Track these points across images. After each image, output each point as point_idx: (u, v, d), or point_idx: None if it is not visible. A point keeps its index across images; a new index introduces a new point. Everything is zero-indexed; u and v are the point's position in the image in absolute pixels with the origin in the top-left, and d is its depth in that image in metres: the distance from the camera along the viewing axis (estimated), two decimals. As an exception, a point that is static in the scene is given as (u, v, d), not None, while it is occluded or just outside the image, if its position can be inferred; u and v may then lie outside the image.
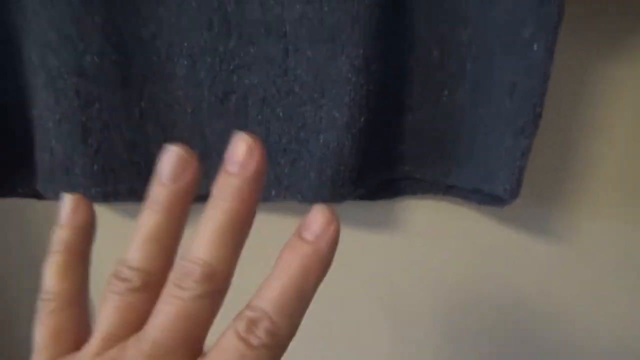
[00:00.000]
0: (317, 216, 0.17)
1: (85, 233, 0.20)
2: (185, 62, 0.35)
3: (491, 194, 0.37)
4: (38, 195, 0.40)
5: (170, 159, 0.18)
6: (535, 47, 0.31)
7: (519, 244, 0.46)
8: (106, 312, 0.17)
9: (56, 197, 0.37)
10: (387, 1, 0.32)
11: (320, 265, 0.17)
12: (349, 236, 0.46)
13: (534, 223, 0.45)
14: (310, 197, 0.38)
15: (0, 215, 0.49)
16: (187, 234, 0.19)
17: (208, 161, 0.38)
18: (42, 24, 0.32)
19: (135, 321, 0.17)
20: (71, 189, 0.36)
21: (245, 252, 0.18)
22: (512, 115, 0.33)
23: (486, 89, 0.35)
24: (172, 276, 0.17)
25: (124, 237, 0.19)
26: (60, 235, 0.19)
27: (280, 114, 0.37)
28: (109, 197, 0.37)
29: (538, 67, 0.31)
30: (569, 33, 0.34)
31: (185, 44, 0.35)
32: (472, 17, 0.34)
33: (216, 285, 0.17)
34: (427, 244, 0.46)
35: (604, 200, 0.44)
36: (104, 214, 0.44)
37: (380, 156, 0.39)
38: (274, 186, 0.39)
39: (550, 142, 0.41)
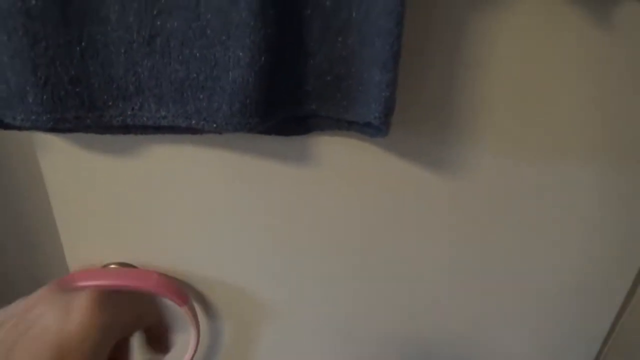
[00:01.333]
0: None
1: None
2: (117, 7, 0.42)
3: (368, 124, 0.44)
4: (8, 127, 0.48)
5: None
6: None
7: (411, 173, 0.53)
8: None
9: (14, 122, 0.45)
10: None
11: None
12: (264, 167, 0.53)
13: (426, 155, 0.53)
14: (223, 127, 0.45)
15: None
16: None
17: (141, 96, 0.46)
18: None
19: None
20: (26, 115, 0.44)
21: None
22: (378, 53, 0.40)
23: (366, 34, 0.42)
24: None
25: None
26: None
27: (197, 55, 0.44)
28: (58, 123, 0.45)
29: (392, 12, 0.38)
30: None
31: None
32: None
33: None
34: (335, 177, 0.54)
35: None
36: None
37: (287, 94, 0.46)
38: (195, 118, 0.46)
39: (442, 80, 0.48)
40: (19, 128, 0.48)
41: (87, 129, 0.49)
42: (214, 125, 0.46)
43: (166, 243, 0.59)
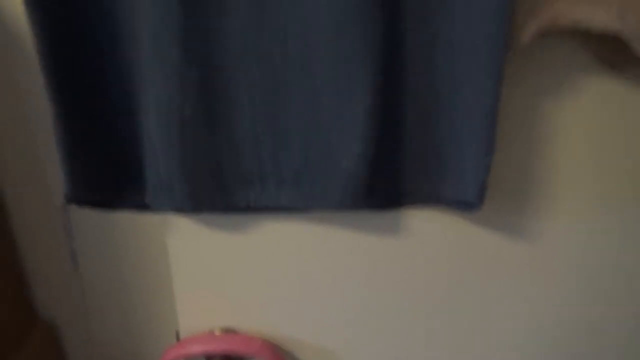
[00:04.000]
0: None
1: None
2: (247, 110, 0.52)
3: (466, 201, 0.51)
4: (141, 208, 0.57)
5: None
6: (486, 95, 0.46)
7: (495, 244, 0.59)
8: None
9: (161, 208, 0.54)
10: (387, 68, 0.48)
11: None
12: (362, 240, 0.60)
13: (509, 226, 0.59)
14: (335, 208, 0.53)
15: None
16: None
17: (264, 182, 0.54)
18: (156, 90, 0.50)
19: None
20: (172, 201, 0.53)
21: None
22: (476, 142, 0.48)
23: (459, 125, 0.50)
24: None
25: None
26: None
27: (314, 145, 0.52)
28: (196, 207, 0.54)
29: (489, 112, 0.46)
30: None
31: (247, 97, 0.51)
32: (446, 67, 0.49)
33: None
34: (424, 245, 0.60)
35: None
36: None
37: (386, 176, 0.54)
38: (311, 200, 0.54)
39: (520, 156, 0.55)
40: (157, 211, 0.57)
41: (214, 211, 0.57)
42: (328, 206, 0.53)
43: (269, 310, 0.65)
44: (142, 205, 0.56)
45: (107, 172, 0.54)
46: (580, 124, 0.52)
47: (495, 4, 0.43)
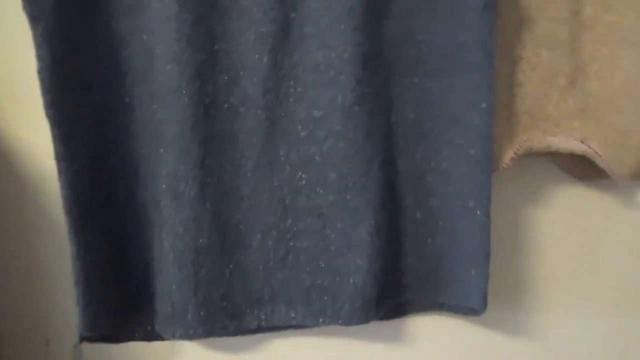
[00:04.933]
0: None
1: None
2: (259, 236, 0.54)
3: (469, 307, 0.54)
4: (150, 338, 0.57)
5: None
6: (477, 212, 0.51)
7: (500, 344, 0.62)
8: None
9: (172, 337, 0.54)
10: (386, 192, 0.53)
11: None
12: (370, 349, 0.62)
13: (510, 326, 0.62)
14: (346, 322, 0.55)
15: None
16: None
17: (274, 303, 0.56)
18: (172, 225, 0.52)
19: None
20: (185, 329, 0.53)
21: None
22: (472, 255, 0.52)
23: (454, 239, 0.54)
24: None
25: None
26: None
27: (322, 265, 0.55)
28: (208, 333, 0.54)
29: (482, 226, 0.51)
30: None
31: (258, 224, 0.54)
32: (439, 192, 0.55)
33: None
34: (430, 349, 0.62)
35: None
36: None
37: (390, 288, 0.57)
38: (321, 317, 0.56)
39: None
40: (166, 339, 0.57)
41: (224, 334, 0.58)
42: (339, 321, 0.55)
43: None
44: (151, 335, 0.56)
45: (121, 306, 0.54)
46: (559, 231, 0.58)
47: (478, 133, 0.50)
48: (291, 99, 0.51)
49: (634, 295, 0.63)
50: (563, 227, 0.58)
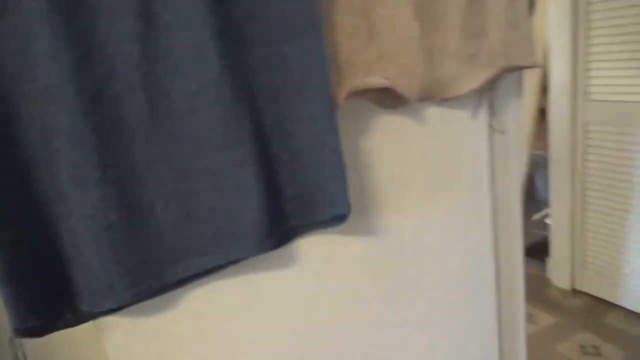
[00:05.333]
0: None
1: None
2: (162, 202, 0.62)
3: (339, 215, 0.71)
4: (80, 321, 0.61)
5: None
6: (330, 142, 0.68)
7: (360, 243, 0.81)
8: None
9: (103, 308, 0.59)
10: (259, 149, 0.66)
11: None
12: (265, 273, 0.75)
13: (364, 227, 0.82)
14: (250, 254, 0.67)
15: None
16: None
17: (184, 260, 0.65)
18: (81, 209, 0.57)
19: None
20: (115, 298, 0.59)
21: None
22: (333, 172, 0.69)
23: (317, 167, 0.70)
24: None
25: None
26: None
27: (221, 214, 0.66)
28: (135, 298, 0.61)
29: (335, 150, 0.68)
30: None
31: (159, 192, 0.62)
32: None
33: None
34: (313, 263, 0.78)
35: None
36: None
37: (277, 221, 0.70)
38: (230, 255, 0.67)
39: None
40: (94, 318, 0.62)
41: (150, 296, 0.64)
42: (244, 256, 0.67)
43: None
44: (80, 318, 0.60)
45: (46, 297, 0.57)
46: (382, 149, 0.80)
47: (320, 84, 0.66)
48: (167, 79, 0.60)
49: (440, 188, 0.89)
50: (385, 147, 0.80)
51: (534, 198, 2.54)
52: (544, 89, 2.17)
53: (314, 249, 0.78)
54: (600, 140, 1.97)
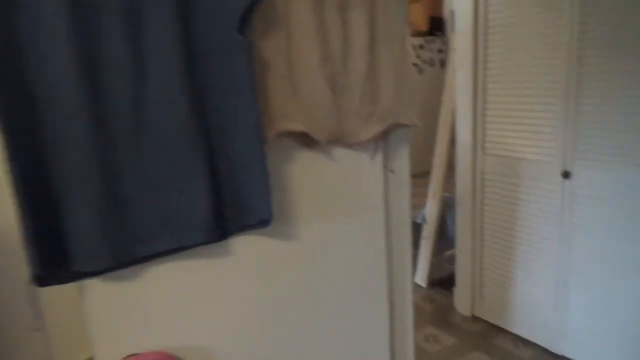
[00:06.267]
0: None
1: None
2: (141, 197, 0.89)
3: (265, 220, 1.00)
4: (72, 279, 0.85)
5: None
6: (258, 166, 0.97)
7: (282, 247, 1.10)
8: None
9: (92, 268, 0.83)
10: (209, 164, 0.94)
11: None
12: (211, 262, 1.02)
13: (285, 234, 1.10)
14: (201, 241, 0.94)
15: None
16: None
17: (151, 241, 0.91)
18: (83, 197, 0.82)
19: None
20: (100, 260, 0.84)
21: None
22: (262, 186, 0.98)
23: (247, 186, 0.99)
24: None
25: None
26: None
27: (179, 211, 0.93)
28: (114, 265, 0.86)
29: (262, 173, 0.97)
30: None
31: (141, 188, 0.89)
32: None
33: None
34: (243, 260, 1.06)
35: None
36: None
37: (218, 219, 0.98)
38: (185, 241, 0.93)
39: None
40: (80, 278, 0.86)
41: (123, 266, 0.89)
42: (196, 243, 0.94)
43: (168, 333, 0.97)
44: (74, 276, 0.84)
45: (51, 255, 0.81)
46: (301, 176, 1.10)
47: (253, 126, 0.96)
48: (150, 113, 0.87)
49: (344, 207, 1.19)
50: (303, 174, 1.10)
51: (446, 235, 2.92)
52: (453, 142, 2.58)
53: (245, 246, 1.06)
54: (494, 187, 2.38)
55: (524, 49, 2.10)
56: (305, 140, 1.09)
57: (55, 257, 0.82)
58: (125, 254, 0.88)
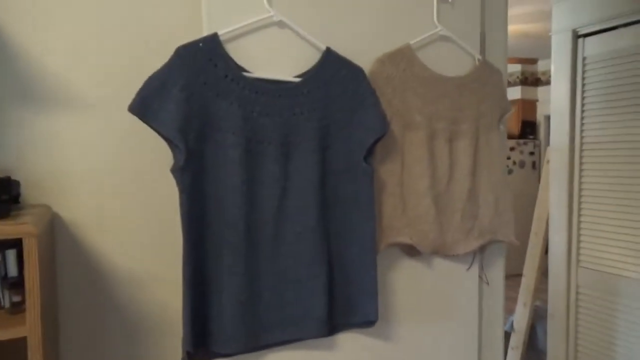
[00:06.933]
0: None
1: None
2: (268, 294, 1.06)
3: (370, 321, 1.12)
4: (211, 357, 1.01)
5: None
6: (371, 272, 1.11)
7: (381, 344, 1.20)
8: None
9: (228, 351, 0.99)
10: (327, 271, 1.10)
11: None
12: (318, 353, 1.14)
13: (386, 333, 1.21)
14: (316, 335, 1.07)
15: None
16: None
17: (275, 330, 1.07)
18: (229, 296, 1.01)
19: None
20: (234, 347, 1.00)
21: None
22: (370, 291, 1.11)
23: (359, 287, 1.13)
24: None
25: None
26: None
27: (301, 306, 1.08)
28: (243, 349, 1.01)
29: (372, 278, 1.11)
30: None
31: (267, 287, 1.06)
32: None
33: None
34: (350, 350, 1.17)
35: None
36: None
37: (329, 316, 1.11)
38: (302, 334, 1.07)
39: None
40: (215, 357, 1.02)
41: (251, 350, 1.04)
42: (310, 337, 1.07)
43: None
44: (210, 355, 1.01)
45: (197, 336, 0.98)
46: (403, 282, 1.22)
47: (369, 240, 1.11)
48: (286, 221, 1.06)
49: (441, 313, 1.28)
50: (400, 279, 1.22)
51: (535, 347, 2.79)
52: (546, 251, 2.56)
53: (349, 341, 1.18)
54: (590, 304, 2.30)
55: (622, 166, 2.12)
56: (410, 250, 1.23)
57: (199, 338, 0.99)
58: (254, 340, 1.03)
